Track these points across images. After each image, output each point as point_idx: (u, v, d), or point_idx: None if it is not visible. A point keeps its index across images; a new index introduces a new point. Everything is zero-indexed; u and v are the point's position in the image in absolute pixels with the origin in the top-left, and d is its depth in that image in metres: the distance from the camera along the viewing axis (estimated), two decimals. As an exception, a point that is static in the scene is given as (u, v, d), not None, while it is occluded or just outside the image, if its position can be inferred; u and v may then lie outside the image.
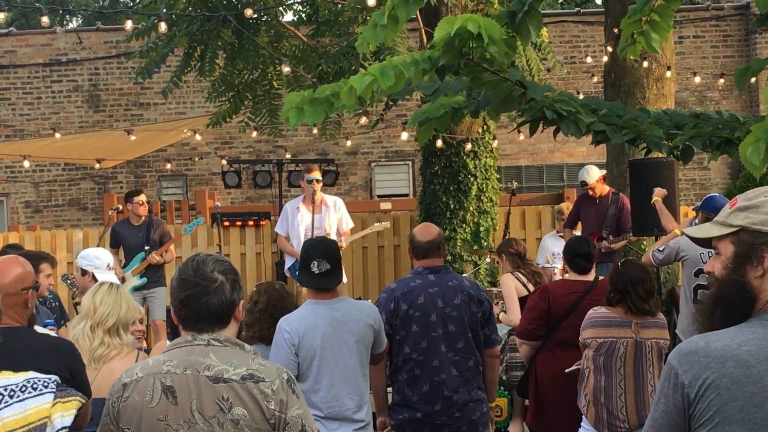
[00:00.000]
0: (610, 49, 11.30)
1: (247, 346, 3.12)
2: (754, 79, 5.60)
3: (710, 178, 18.01)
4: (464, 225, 11.51)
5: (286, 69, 9.59)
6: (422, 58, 4.45)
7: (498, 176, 12.03)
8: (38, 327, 4.80)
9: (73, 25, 30.53)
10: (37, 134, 17.14)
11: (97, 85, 17.86)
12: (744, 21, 18.00)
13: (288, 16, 13.02)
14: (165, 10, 10.62)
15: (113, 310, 4.82)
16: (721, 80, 16.29)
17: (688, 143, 5.26)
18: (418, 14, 10.97)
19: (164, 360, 3.04)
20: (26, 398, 2.68)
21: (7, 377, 2.73)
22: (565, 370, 6.23)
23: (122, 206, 11.09)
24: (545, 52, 12.02)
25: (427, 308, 5.56)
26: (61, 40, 17.91)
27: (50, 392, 2.71)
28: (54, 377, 2.77)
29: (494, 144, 11.80)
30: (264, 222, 12.92)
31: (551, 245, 11.01)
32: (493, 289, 9.10)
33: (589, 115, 5.10)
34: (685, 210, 11.20)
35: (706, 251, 6.87)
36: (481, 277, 11.12)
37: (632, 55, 5.69)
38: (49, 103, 17.81)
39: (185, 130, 14.14)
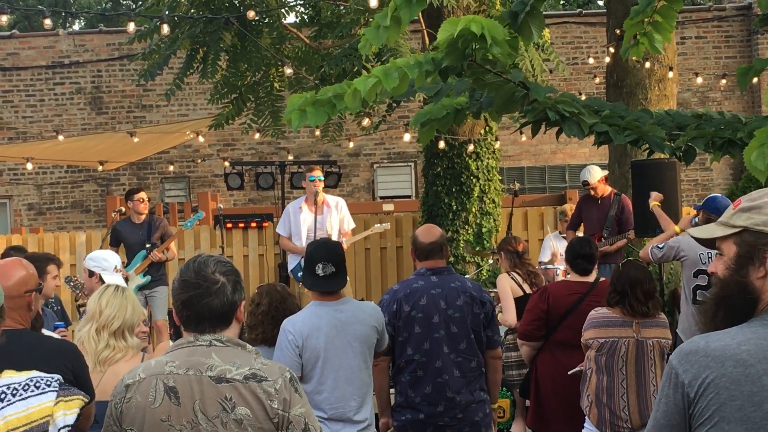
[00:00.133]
0: (612, 50, 11.29)
1: (249, 347, 3.12)
2: (756, 80, 5.61)
3: (712, 178, 18.00)
4: (466, 226, 11.50)
5: (288, 71, 9.61)
6: (425, 60, 4.46)
7: (500, 177, 12.02)
8: (46, 330, 4.81)
9: (75, 27, 30.55)
10: (39, 136, 17.14)
11: (99, 88, 17.87)
12: (746, 21, 17.99)
13: (290, 18, 13.04)
14: (167, 13, 10.62)
15: (119, 313, 4.82)
16: (723, 81, 16.27)
17: (690, 144, 5.26)
18: (420, 16, 10.97)
19: (167, 361, 3.04)
20: (29, 396, 2.69)
21: (10, 376, 2.73)
22: (568, 372, 6.23)
23: (124, 206, 11.08)
24: (548, 52, 12.02)
25: (429, 310, 5.55)
26: (63, 42, 17.92)
27: (53, 391, 2.72)
28: (57, 376, 2.77)
29: (496, 145, 11.80)
30: (267, 224, 12.92)
31: (556, 245, 10.99)
32: (493, 290, 9.10)
33: (592, 116, 5.10)
34: (687, 210, 11.18)
35: (706, 252, 6.87)
36: (483, 278, 11.11)
37: (635, 56, 5.70)
38: (51, 105, 17.82)
39: (188, 132, 14.14)
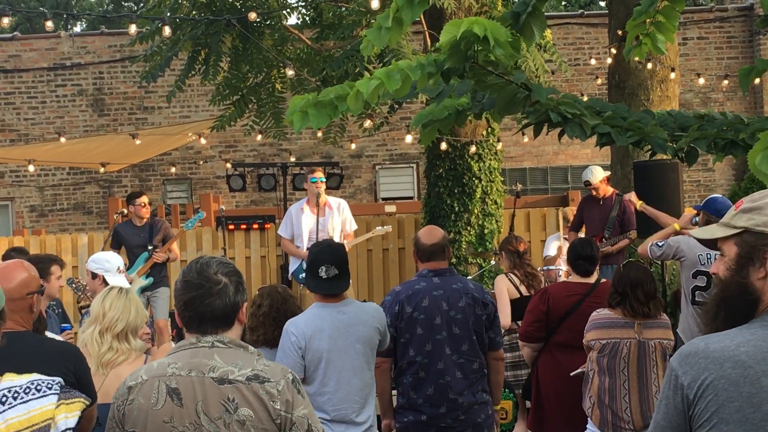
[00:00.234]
0: (614, 51, 11.29)
1: (251, 348, 3.11)
2: (758, 80, 5.61)
3: (715, 179, 17.99)
4: (469, 227, 11.50)
5: (290, 72, 9.61)
6: (428, 62, 4.45)
7: (502, 179, 12.03)
8: (49, 333, 4.80)
9: (77, 29, 30.58)
10: (41, 138, 17.15)
11: (101, 89, 17.88)
12: (748, 22, 17.99)
13: (292, 20, 13.01)
14: (169, 14, 10.64)
15: (122, 315, 4.82)
16: (725, 81, 16.28)
17: (692, 145, 5.25)
18: (422, 17, 10.97)
19: (169, 362, 3.04)
20: (30, 400, 2.68)
21: (11, 379, 2.73)
22: (570, 374, 6.23)
23: (126, 209, 11.08)
24: (550, 53, 12.02)
25: (431, 311, 5.55)
26: (65, 44, 17.94)
27: (54, 394, 2.72)
28: (58, 379, 2.77)
29: (498, 146, 11.80)
30: (269, 225, 12.91)
31: (560, 242, 10.98)
32: (492, 291, 9.11)
33: (594, 117, 5.09)
34: (689, 212, 11.17)
35: (705, 253, 6.86)
36: (485, 279, 11.11)
37: (638, 57, 5.69)
38: (53, 107, 17.83)
39: (190, 134, 14.15)
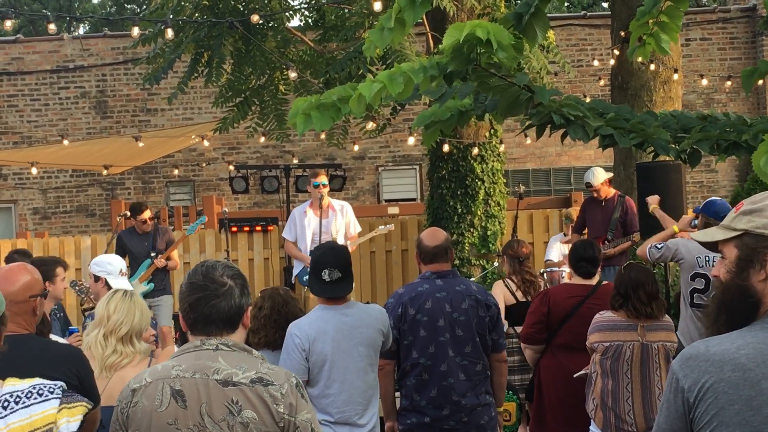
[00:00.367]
0: (616, 52, 11.28)
1: (255, 352, 3.13)
2: (761, 81, 5.59)
3: (718, 180, 17.98)
4: (472, 229, 11.50)
5: (292, 74, 9.62)
6: (430, 65, 4.45)
7: (505, 180, 12.02)
8: (54, 335, 4.80)
9: (80, 31, 30.61)
10: (44, 141, 17.17)
11: (104, 92, 17.90)
12: (751, 23, 17.98)
13: (294, 22, 13.01)
14: (172, 17, 10.64)
15: (127, 319, 4.83)
16: (728, 82, 16.26)
17: (695, 146, 5.25)
18: (424, 19, 10.97)
19: (173, 365, 3.05)
20: (32, 404, 2.69)
21: (13, 384, 2.73)
22: (574, 375, 6.23)
23: (128, 213, 11.11)
24: (553, 54, 12.01)
25: (434, 313, 5.55)
26: (68, 46, 17.96)
27: (56, 398, 2.72)
28: (60, 383, 2.77)
29: (501, 148, 11.79)
30: (272, 227, 12.92)
31: (561, 246, 10.98)
32: None
33: (597, 119, 5.09)
34: (689, 214, 11.16)
35: (703, 255, 6.87)
36: (488, 281, 11.10)
37: (642, 57, 5.68)
38: (56, 109, 17.84)
39: (193, 136, 14.15)
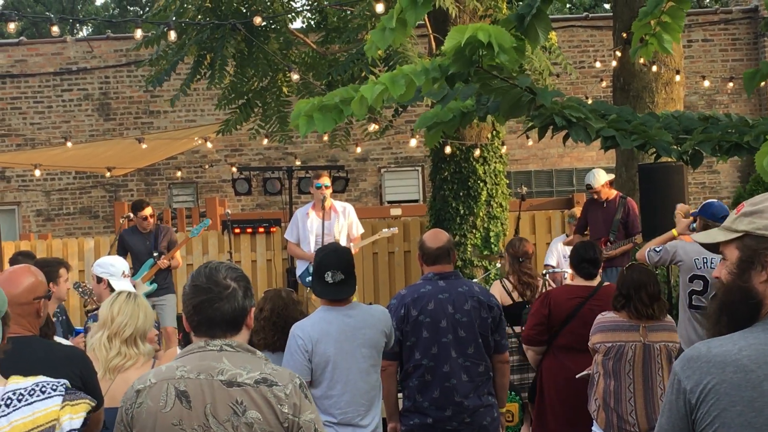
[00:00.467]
0: (618, 53, 11.28)
1: (259, 353, 3.14)
2: (763, 83, 5.59)
3: (720, 181, 17.97)
4: (474, 230, 11.50)
5: (295, 76, 9.61)
6: (432, 67, 4.46)
7: (507, 181, 12.02)
8: (57, 337, 4.81)
9: (83, 33, 30.64)
10: (48, 143, 17.19)
11: (107, 94, 17.92)
12: (753, 24, 17.98)
13: (297, 24, 13.03)
14: (174, 19, 10.66)
15: (131, 321, 4.83)
16: (731, 84, 16.26)
17: (697, 148, 5.26)
18: (427, 20, 10.98)
19: (177, 365, 3.06)
20: (34, 401, 2.69)
21: (16, 382, 2.74)
22: (576, 376, 6.24)
23: (131, 215, 11.12)
24: (555, 55, 12.02)
25: (437, 314, 5.56)
26: (71, 48, 17.98)
27: (59, 395, 2.72)
28: (63, 381, 2.78)
29: (503, 149, 11.80)
30: (274, 229, 12.93)
31: (563, 248, 10.98)
32: None
33: (599, 120, 5.10)
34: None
35: (701, 257, 6.90)
36: (491, 282, 11.10)
37: (644, 57, 5.68)
38: (59, 111, 17.86)
39: (196, 138, 14.16)
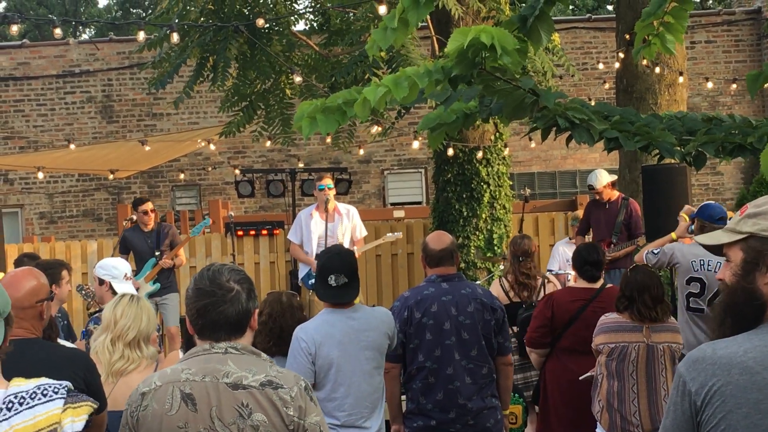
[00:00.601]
0: (621, 55, 11.28)
1: (264, 355, 3.14)
2: (766, 84, 5.58)
3: (723, 183, 17.96)
4: (477, 232, 11.50)
5: (297, 79, 9.60)
6: (435, 69, 4.45)
7: (511, 183, 12.02)
8: (61, 340, 4.80)
9: (85, 36, 30.66)
10: (51, 145, 17.20)
11: (110, 96, 17.93)
12: (756, 25, 17.97)
13: (299, 26, 13.04)
14: (177, 21, 10.65)
15: (134, 324, 4.83)
16: (734, 85, 16.25)
17: (700, 149, 5.25)
18: (429, 22, 10.98)
19: (182, 368, 3.06)
20: (36, 405, 2.68)
21: (18, 384, 2.73)
22: (579, 378, 6.23)
23: (134, 215, 11.11)
24: (558, 56, 12.02)
25: (440, 316, 5.55)
26: (74, 51, 17.99)
27: (60, 398, 2.71)
28: (65, 383, 2.76)
29: (506, 151, 11.80)
30: (277, 231, 12.93)
31: (565, 251, 10.97)
32: None
33: (602, 122, 5.10)
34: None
35: (698, 259, 6.92)
36: (495, 280, 11.09)
37: (647, 57, 5.68)
38: (62, 114, 17.88)
39: (198, 140, 14.17)
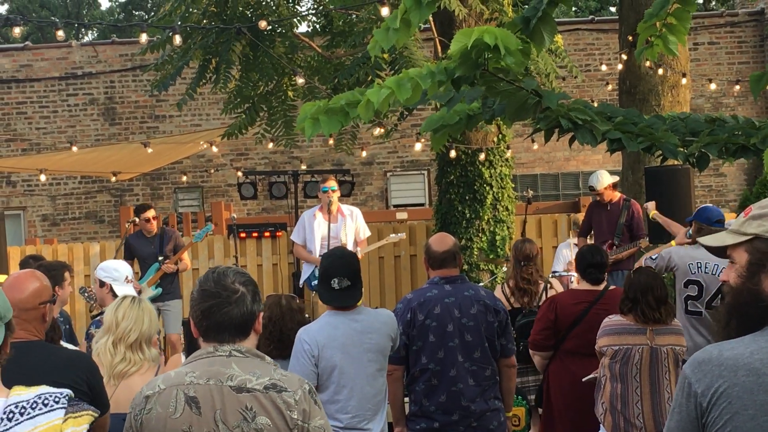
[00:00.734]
0: (624, 56, 11.27)
1: (268, 358, 3.14)
2: (769, 86, 5.57)
3: (726, 184, 17.95)
4: (480, 234, 11.49)
5: (300, 80, 9.59)
6: (438, 70, 4.45)
7: (513, 185, 12.03)
8: (63, 343, 4.80)
9: (88, 38, 30.69)
10: (53, 148, 17.22)
11: (112, 98, 17.94)
12: (759, 27, 17.96)
13: (302, 28, 13.03)
14: (179, 23, 10.65)
15: (135, 326, 4.82)
16: (737, 86, 16.24)
17: (703, 150, 5.24)
18: (432, 24, 10.97)
19: (186, 371, 3.06)
20: (37, 415, 2.66)
21: (19, 393, 2.71)
22: (583, 380, 6.23)
23: (136, 219, 11.12)
24: (561, 57, 12.01)
25: (443, 318, 5.55)
26: (76, 53, 18.01)
27: (61, 408, 2.69)
28: (66, 391, 2.75)
29: (509, 153, 11.80)
30: (280, 233, 12.92)
31: (568, 253, 10.97)
32: None
33: (605, 123, 5.09)
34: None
35: (695, 261, 6.96)
36: (495, 285, 11.09)
37: (650, 58, 5.67)
38: (65, 116, 17.89)
39: (201, 142, 14.17)
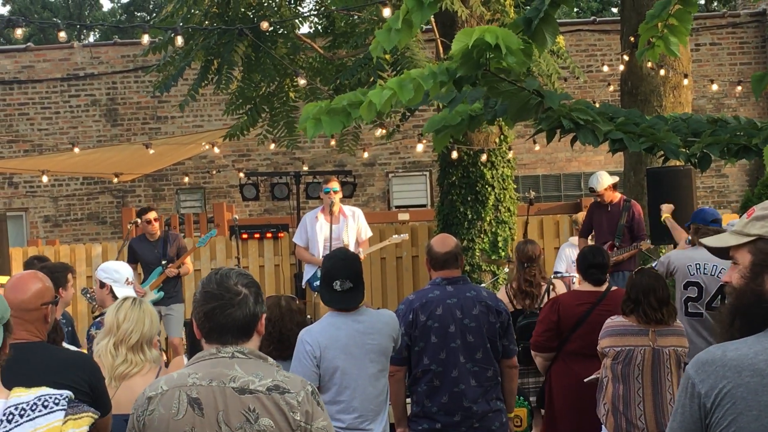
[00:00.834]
0: (626, 57, 11.27)
1: (270, 359, 3.14)
2: (771, 86, 5.57)
3: (728, 185, 17.94)
4: (482, 235, 11.49)
5: (302, 81, 9.59)
6: (440, 70, 4.45)
7: (515, 186, 12.02)
8: (65, 344, 4.80)
9: (90, 39, 30.71)
10: (55, 149, 17.23)
11: (114, 99, 17.95)
12: (761, 28, 17.95)
13: (304, 29, 13.01)
14: (181, 24, 10.65)
15: (137, 327, 4.82)
16: (739, 87, 16.23)
17: (705, 150, 5.24)
18: (434, 25, 10.98)
19: (189, 372, 3.06)
20: (36, 417, 2.65)
21: (19, 395, 2.70)
22: (584, 380, 6.23)
23: (138, 221, 11.11)
24: (563, 59, 12.01)
25: (445, 319, 5.55)
26: (78, 54, 18.02)
27: (61, 409, 2.69)
28: (66, 393, 2.74)
29: (511, 154, 11.79)
30: (282, 234, 12.93)
31: (571, 253, 10.96)
32: None
33: (606, 123, 5.08)
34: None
35: (693, 263, 7.03)
36: (499, 287, 11.08)
37: (651, 59, 5.67)
38: (67, 117, 17.90)
39: (203, 143, 14.17)
